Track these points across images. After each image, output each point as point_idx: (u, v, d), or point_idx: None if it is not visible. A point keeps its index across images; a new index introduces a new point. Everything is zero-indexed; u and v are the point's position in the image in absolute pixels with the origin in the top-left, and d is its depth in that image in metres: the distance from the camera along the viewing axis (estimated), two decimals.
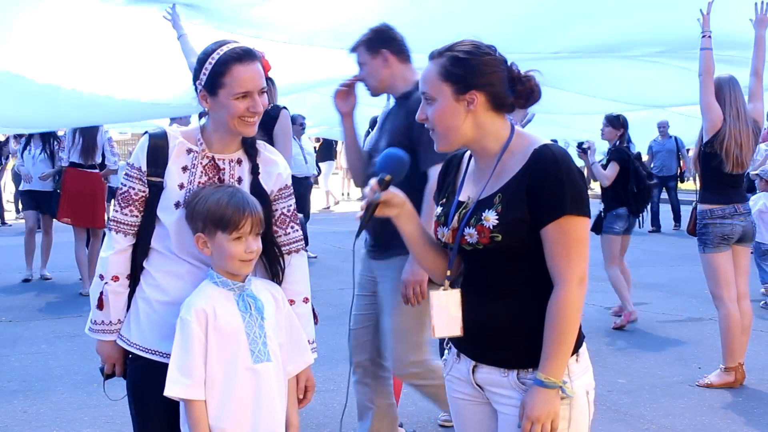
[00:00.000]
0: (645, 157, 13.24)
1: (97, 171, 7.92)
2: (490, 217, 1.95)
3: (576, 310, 1.93)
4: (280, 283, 2.40)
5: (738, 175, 5.06)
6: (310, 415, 4.34)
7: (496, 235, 1.94)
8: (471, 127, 2.00)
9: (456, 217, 2.04)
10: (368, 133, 13.10)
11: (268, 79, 4.07)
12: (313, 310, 2.51)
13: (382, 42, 3.39)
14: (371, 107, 12.88)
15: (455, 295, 2.05)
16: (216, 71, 2.23)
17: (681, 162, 13.58)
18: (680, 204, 13.65)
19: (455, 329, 2.05)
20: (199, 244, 2.22)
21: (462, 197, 2.08)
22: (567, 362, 1.94)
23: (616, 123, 6.98)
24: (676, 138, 13.20)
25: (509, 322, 1.99)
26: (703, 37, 4.97)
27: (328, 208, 17.70)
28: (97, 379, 2.61)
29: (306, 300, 2.45)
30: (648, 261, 9.67)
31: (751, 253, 5.80)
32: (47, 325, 6.57)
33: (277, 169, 2.41)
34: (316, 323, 2.53)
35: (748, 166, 5.15)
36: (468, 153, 2.16)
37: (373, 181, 2.01)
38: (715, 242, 5.00)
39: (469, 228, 1.98)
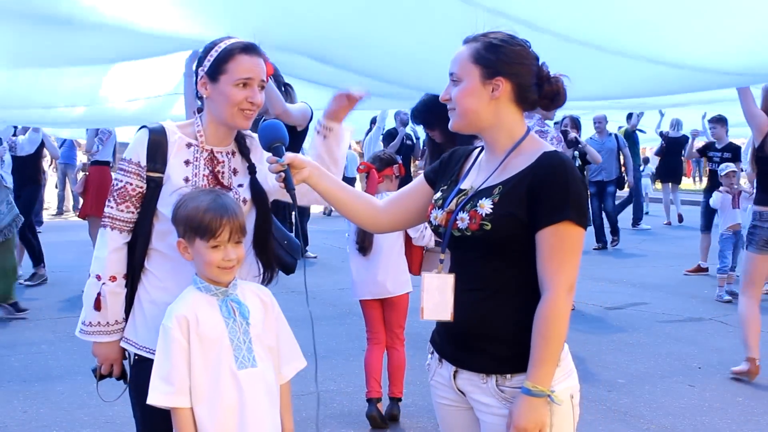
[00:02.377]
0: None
1: None
2: (485, 205, 1.95)
3: (564, 318, 1.91)
4: (269, 283, 2.39)
5: None
6: (310, 416, 4.34)
7: (486, 224, 1.93)
8: (490, 114, 2.02)
9: (454, 201, 2.05)
10: (368, 132, 13.11)
11: (287, 84, 4.08)
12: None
13: None
14: (371, 110, 12.84)
15: (449, 279, 2.03)
16: (221, 58, 2.28)
17: (623, 165, 11.79)
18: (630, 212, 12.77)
19: (445, 314, 2.02)
20: (180, 249, 2.20)
21: (464, 186, 2.09)
22: (554, 370, 1.91)
23: None
24: (616, 135, 11.66)
25: (488, 324, 1.98)
26: None
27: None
28: None
29: None
30: (648, 261, 9.67)
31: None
32: (47, 325, 6.56)
33: (261, 150, 2.41)
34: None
35: None
36: (479, 149, 2.17)
37: (268, 155, 2.15)
38: (760, 244, 5.16)
39: (463, 212, 1.99)
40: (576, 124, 7.65)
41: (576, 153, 7.10)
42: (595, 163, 7.98)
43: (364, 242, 4.24)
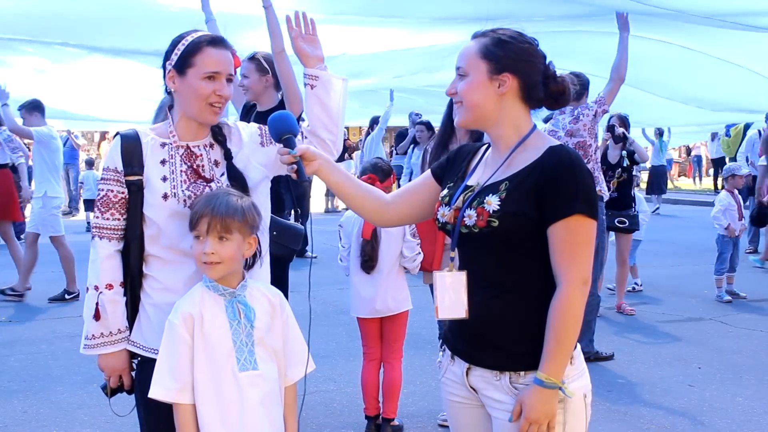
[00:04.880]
0: None
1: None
2: (492, 201, 1.95)
3: (579, 311, 1.91)
4: (251, 267, 2.33)
5: None
6: (310, 416, 4.34)
7: (494, 220, 1.93)
8: (496, 109, 2.02)
9: (461, 198, 2.05)
10: (369, 133, 13.07)
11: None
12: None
13: None
14: (373, 109, 12.74)
15: (461, 276, 2.03)
16: (188, 51, 2.27)
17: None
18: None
19: (460, 312, 2.02)
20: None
21: (470, 182, 2.09)
22: (567, 363, 1.92)
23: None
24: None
25: (501, 321, 1.98)
26: None
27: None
28: (97, 379, 2.59)
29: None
30: (647, 261, 9.66)
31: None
32: (47, 325, 6.56)
33: (240, 136, 2.40)
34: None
35: None
36: (485, 146, 2.17)
37: (279, 146, 2.15)
38: None
39: (470, 209, 1.98)
40: (624, 122, 7.53)
41: (624, 153, 7.06)
42: (643, 161, 7.89)
43: (372, 260, 4.10)
